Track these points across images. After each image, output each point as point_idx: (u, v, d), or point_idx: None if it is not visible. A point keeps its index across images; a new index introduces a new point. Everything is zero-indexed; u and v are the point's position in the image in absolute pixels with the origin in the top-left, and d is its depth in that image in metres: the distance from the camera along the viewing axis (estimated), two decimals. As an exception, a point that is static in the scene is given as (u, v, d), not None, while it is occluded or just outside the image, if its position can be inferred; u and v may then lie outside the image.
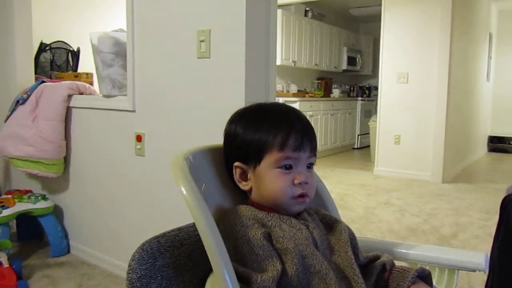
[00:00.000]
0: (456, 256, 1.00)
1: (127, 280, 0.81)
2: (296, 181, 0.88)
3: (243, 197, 0.94)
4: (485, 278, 1.46)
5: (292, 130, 0.89)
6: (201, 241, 0.73)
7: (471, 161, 6.38)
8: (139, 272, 0.81)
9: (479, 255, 0.98)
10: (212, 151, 0.99)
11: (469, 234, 3.11)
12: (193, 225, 0.91)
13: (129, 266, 0.82)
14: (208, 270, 0.80)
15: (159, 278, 0.82)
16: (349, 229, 0.95)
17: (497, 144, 7.84)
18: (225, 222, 0.86)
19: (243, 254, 0.80)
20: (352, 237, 0.93)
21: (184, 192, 0.76)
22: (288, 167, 0.89)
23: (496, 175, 5.60)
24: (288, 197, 0.88)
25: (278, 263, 0.79)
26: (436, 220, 3.43)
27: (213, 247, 0.72)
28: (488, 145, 7.81)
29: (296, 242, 0.82)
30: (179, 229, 0.92)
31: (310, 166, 0.91)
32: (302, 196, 0.89)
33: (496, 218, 1.49)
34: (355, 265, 0.86)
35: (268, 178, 0.89)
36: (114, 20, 3.24)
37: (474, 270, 0.98)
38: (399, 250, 1.03)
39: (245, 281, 0.76)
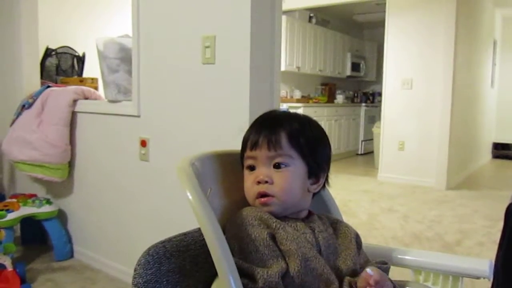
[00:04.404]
0: (461, 263, 1.00)
1: (133, 284, 0.82)
2: (256, 180, 0.90)
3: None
4: (490, 285, 1.46)
5: (253, 130, 0.93)
6: (206, 246, 0.74)
7: (475, 167, 6.36)
8: (144, 277, 0.81)
9: (483, 262, 0.98)
10: (218, 157, 0.99)
11: (474, 241, 3.10)
12: (199, 230, 0.91)
13: (135, 270, 0.83)
14: (213, 275, 0.81)
15: (164, 282, 0.83)
16: (358, 237, 0.96)
17: (501, 150, 7.80)
18: (232, 222, 0.87)
19: (248, 253, 0.81)
20: (358, 246, 0.94)
21: (190, 197, 0.77)
22: (251, 167, 0.92)
23: (500, 182, 5.58)
24: (252, 197, 0.91)
25: (283, 262, 0.80)
26: (440, 227, 3.42)
27: (219, 252, 0.72)
28: (492, 152, 7.78)
29: (299, 245, 0.83)
30: (185, 234, 0.92)
31: (278, 166, 0.90)
32: (261, 196, 0.89)
33: (500, 225, 1.48)
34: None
35: (244, 179, 0.94)
36: (119, 26, 3.26)
37: (478, 277, 0.97)
38: (402, 256, 1.03)
39: (250, 276, 0.78)
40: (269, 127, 0.91)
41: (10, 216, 2.35)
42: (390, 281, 0.86)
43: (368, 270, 0.81)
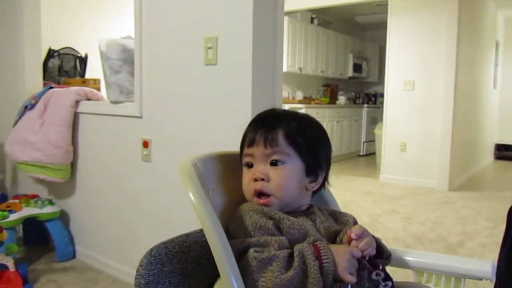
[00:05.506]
0: (463, 264, 1.00)
1: (135, 285, 0.82)
2: (252, 177, 0.91)
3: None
4: (492, 287, 1.45)
5: (251, 128, 0.94)
6: (208, 247, 0.74)
7: (478, 169, 6.35)
8: (147, 278, 0.82)
9: (485, 263, 0.97)
10: (220, 158, 1.00)
11: (476, 242, 3.09)
12: (201, 230, 0.91)
13: (137, 271, 0.83)
14: (216, 276, 0.81)
15: (166, 283, 0.83)
16: (355, 221, 0.97)
17: (504, 152, 7.79)
18: (234, 217, 0.89)
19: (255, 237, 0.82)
20: None
21: (192, 198, 0.77)
22: (249, 164, 0.93)
23: (503, 184, 5.57)
24: (250, 194, 0.92)
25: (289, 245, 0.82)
26: (442, 228, 3.41)
27: (221, 253, 0.73)
28: (494, 153, 7.77)
29: (306, 229, 0.86)
30: (187, 235, 0.93)
31: (275, 163, 0.90)
32: (259, 195, 0.90)
33: (503, 226, 1.48)
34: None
35: (242, 177, 0.95)
36: (122, 27, 3.27)
37: (480, 279, 0.97)
38: (405, 257, 1.03)
39: (262, 245, 0.80)
40: (266, 124, 0.92)
41: (13, 216, 2.35)
42: (374, 237, 0.90)
43: (352, 229, 0.87)
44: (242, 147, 0.96)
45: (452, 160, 4.87)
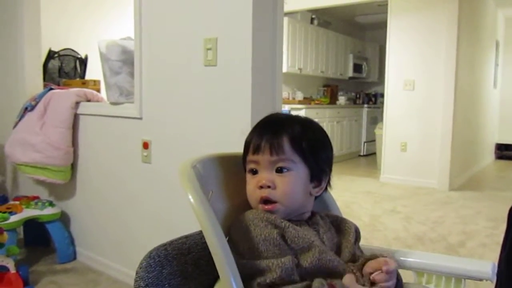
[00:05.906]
0: (463, 264, 1.00)
1: (135, 287, 0.82)
2: (258, 184, 0.90)
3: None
4: (493, 287, 1.45)
5: (256, 134, 0.93)
6: (208, 249, 0.74)
7: (478, 168, 6.34)
8: (146, 280, 0.81)
9: (486, 264, 0.97)
10: (220, 159, 1.00)
11: (477, 242, 3.09)
12: (200, 232, 0.91)
13: (136, 274, 0.83)
14: (215, 278, 0.81)
15: (166, 285, 0.83)
16: (357, 230, 0.97)
17: (504, 151, 7.79)
18: (237, 225, 0.88)
19: (260, 252, 0.82)
20: (356, 238, 0.96)
21: (192, 200, 0.77)
22: (254, 171, 0.92)
23: (504, 183, 5.56)
24: (255, 201, 0.91)
25: (294, 257, 0.82)
26: (443, 228, 3.41)
27: (220, 255, 0.72)
28: (495, 153, 7.77)
29: (311, 240, 0.85)
30: (186, 236, 0.93)
31: (280, 170, 0.90)
32: (265, 201, 0.89)
33: (503, 226, 1.48)
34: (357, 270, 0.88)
35: (246, 183, 0.94)
36: (122, 28, 3.27)
37: (481, 279, 0.97)
38: (405, 258, 1.03)
39: (264, 270, 0.79)
40: (271, 131, 0.91)
41: (13, 218, 2.35)
42: (398, 279, 0.87)
43: (388, 259, 0.84)
44: (245, 153, 0.95)
45: (452, 160, 4.87)
